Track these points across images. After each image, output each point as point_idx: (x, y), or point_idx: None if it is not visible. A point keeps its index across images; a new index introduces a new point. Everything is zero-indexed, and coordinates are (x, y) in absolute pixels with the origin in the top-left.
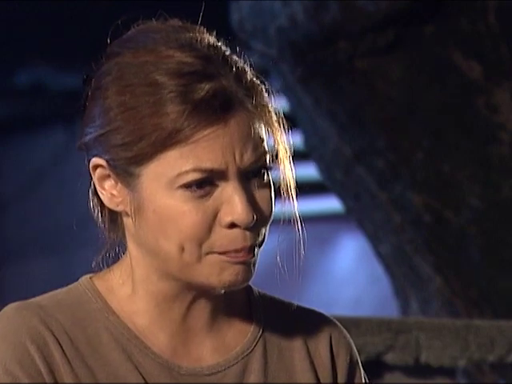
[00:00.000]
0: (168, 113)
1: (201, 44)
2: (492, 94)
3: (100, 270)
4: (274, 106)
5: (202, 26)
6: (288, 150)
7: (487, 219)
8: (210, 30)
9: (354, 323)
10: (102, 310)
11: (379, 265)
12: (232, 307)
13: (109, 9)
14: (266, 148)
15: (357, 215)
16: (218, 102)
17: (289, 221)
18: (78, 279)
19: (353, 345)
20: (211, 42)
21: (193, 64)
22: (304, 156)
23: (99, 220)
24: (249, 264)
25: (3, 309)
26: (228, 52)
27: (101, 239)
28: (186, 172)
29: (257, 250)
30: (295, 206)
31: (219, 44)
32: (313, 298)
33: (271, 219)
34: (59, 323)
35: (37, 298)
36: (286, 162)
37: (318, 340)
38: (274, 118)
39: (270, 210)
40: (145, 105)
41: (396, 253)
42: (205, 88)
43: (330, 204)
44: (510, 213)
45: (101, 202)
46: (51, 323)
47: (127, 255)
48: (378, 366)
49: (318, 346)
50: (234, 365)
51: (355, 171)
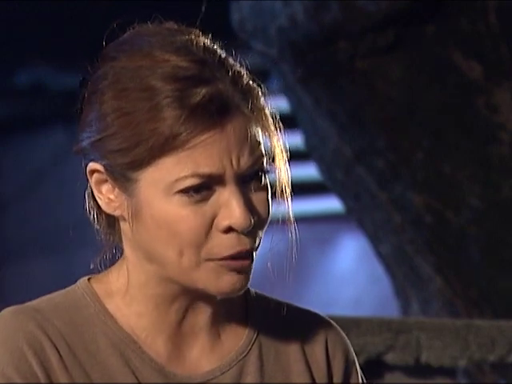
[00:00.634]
0: (165, 118)
1: (196, 47)
2: (492, 94)
3: (98, 272)
4: (270, 109)
5: (201, 27)
6: (284, 152)
7: (487, 219)
8: (205, 33)
9: (354, 323)
10: (100, 314)
11: (379, 265)
12: (228, 310)
13: (109, 9)
14: (263, 151)
15: (357, 215)
16: (214, 106)
17: (284, 222)
18: (76, 281)
19: (349, 345)
20: (207, 45)
21: (188, 68)
22: (304, 156)
23: (96, 224)
24: (246, 271)
25: (0, 313)
26: (224, 55)
27: (98, 242)
28: (184, 177)
29: (254, 255)
30: (290, 209)
31: (215, 47)
32: (313, 298)
33: (268, 222)
34: (56, 328)
35: (34, 302)
36: (281, 164)
37: (314, 341)
38: (271, 121)
39: (268, 212)
40: (141, 110)
41: (396, 253)
42: (201, 92)
43: (331, 204)
44: (510, 213)
45: (98, 206)
46: (48, 328)
47: (124, 259)
48: (378, 366)
49: (314, 348)
50: (229, 369)
51: (355, 171)
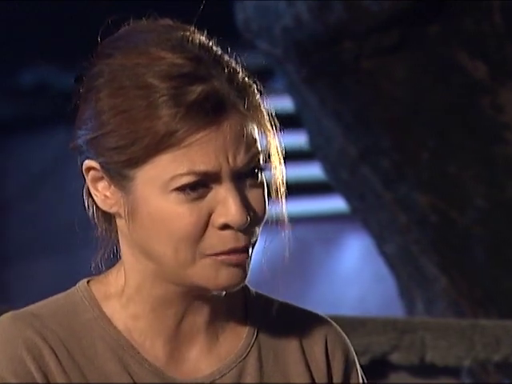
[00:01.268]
0: (161, 116)
1: (192, 44)
2: (497, 94)
3: (99, 272)
4: (266, 106)
5: (206, 27)
6: (280, 150)
7: (492, 219)
8: (210, 32)
9: (359, 323)
10: (98, 319)
11: (384, 265)
12: (227, 310)
13: (111, 9)
14: (259, 148)
15: (362, 215)
16: (210, 104)
17: (283, 221)
18: (76, 284)
19: (349, 345)
20: (202, 41)
21: (184, 66)
22: (309, 156)
23: (95, 222)
24: (243, 266)
25: None
26: (220, 52)
27: (97, 240)
28: (180, 175)
29: (250, 251)
30: (284, 207)
31: (210, 44)
32: (318, 298)
33: (265, 219)
34: (55, 334)
35: (33, 306)
36: (277, 162)
37: (314, 342)
38: (267, 119)
39: (264, 209)
40: (137, 108)
41: (401, 253)
42: (197, 90)
43: (335, 204)
44: None
45: (95, 204)
46: (46, 334)
47: (122, 259)
48: (383, 366)
49: (314, 348)
50: (229, 371)
51: (360, 171)
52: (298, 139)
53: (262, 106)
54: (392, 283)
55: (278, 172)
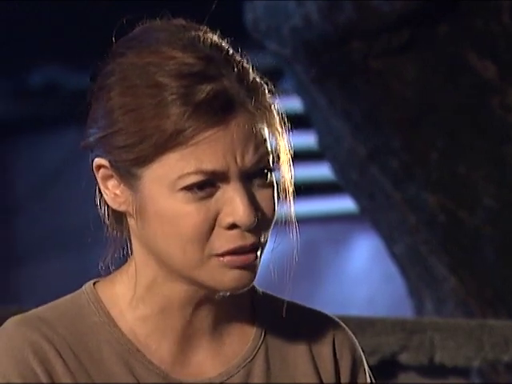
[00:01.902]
0: (169, 115)
1: (203, 44)
2: (507, 94)
3: (108, 272)
4: (276, 107)
5: (215, 27)
6: (289, 151)
7: (502, 219)
8: (214, 29)
9: (368, 323)
10: (104, 322)
11: (393, 265)
12: (235, 311)
13: (122, 9)
14: (268, 149)
15: (371, 215)
16: (218, 103)
17: (291, 222)
18: (82, 286)
19: (357, 344)
20: (214, 41)
21: (194, 65)
22: (318, 156)
23: (106, 220)
24: (251, 267)
25: (4, 324)
26: (231, 51)
27: (108, 239)
28: (188, 174)
29: (259, 252)
30: (292, 209)
31: (222, 43)
32: (327, 298)
33: (274, 220)
34: (61, 337)
35: (39, 310)
36: (286, 163)
37: (322, 342)
38: (276, 119)
39: (272, 210)
40: (147, 106)
41: (411, 253)
42: (206, 89)
43: (344, 204)
44: None
45: (105, 202)
46: (53, 337)
47: (133, 257)
48: (392, 366)
49: (322, 348)
50: (235, 374)
51: (369, 171)
52: (307, 139)
53: (272, 107)
54: (401, 283)
55: (287, 172)
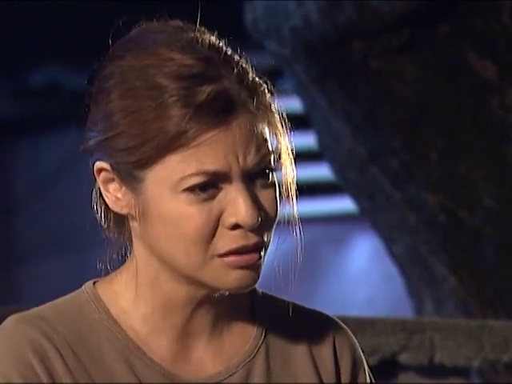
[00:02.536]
0: (171, 116)
1: (202, 45)
2: (506, 94)
3: (106, 273)
4: (276, 106)
5: (214, 27)
6: (290, 150)
7: (502, 219)
8: (219, 32)
9: (368, 323)
10: (104, 320)
11: (393, 265)
12: (235, 311)
13: (122, 9)
14: (270, 148)
15: (371, 215)
16: (219, 104)
17: (294, 222)
18: (82, 286)
19: (357, 345)
20: (212, 42)
21: (194, 66)
22: (318, 156)
23: (104, 223)
24: (254, 266)
25: (3, 322)
26: (230, 52)
27: (106, 242)
28: (190, 175)
29: (263, 253)
30: (295, 208)
31: (220, 44)
32: (327, 298)
33: (276, 220)
34: (61, 335)
35: (38, 309)
36: (288, 162)
37: (322, 342)
38: (277, 118)
39: (275, 210)
40: (147, 109)
41: (410, 253)
42: (206, 91)
43: (344, 204)
44: None
45: (106, 205)
46: (53, 335)
47: (133, 258)
48: (392, 366)
49: (322, 349)
50: (235, 372)
51: (369, 171)
52: (307, 139)
53: (273, 106)
54: (401, 283)
55: (289, 172)
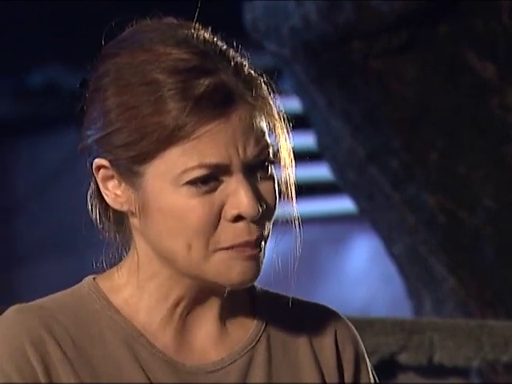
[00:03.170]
0: (169, 110)
1: (197, 40)
2: (506, 95)
3: (104, 271)
4: (273, 98)
5: (213, 27)
6: (289, 142)
7: (502, 219)
8: (211, 29)
9: (367, 323)
10: (105, 309)
11: (392, 265)
12: (236, 304)
13: (122, 8)
14: (268, 141)
15: (370, 216)
16: (218, 96)
17: (295, 221)
18: (82, 280)
19: (358, 337)
20: (207, 37)
21: (190, 60)
22: (317, 156)
23: (103, 222)
24: (256, 260)
25: (5, 311)
26: (225, 46)
27: (105, 241)
28: (191, 168)
29: (263, 245)
30: (294, 204)
31: (215, 39)
32: (326, 298)
33: (276, 211)
34: (61, 325)
35: (39, 300)
36: (286, 155)
37: (323, 334)
38: (275, 110)
39: (275, 201)
40: (145, 104)
41: (410, 253)
42: (204, 83)
43: (343, 204)
44: None
45: (105, 204)
46: (52, 325)
47: (133, 254)
48: (391, 366)
49: (323, 341)
50: (238, 359)
51: (368, 171)
52: (306, 140)
53: (270, 98)
54: (400, 284)
55: (288, 164)
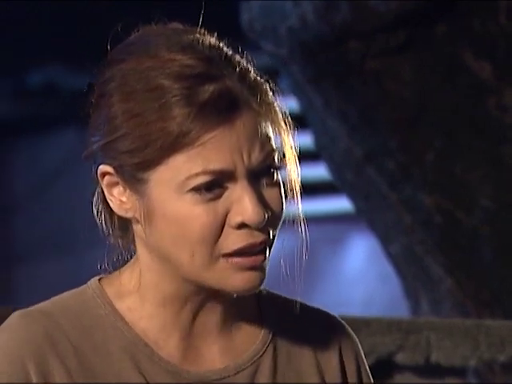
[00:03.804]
0: (174, 116)
1: (202, 45)
2: (503, 95)
3: (108, 272)
4: (279, 104)
5: (210, 27)
6: (294, 148)
7: (499, 220)
8: (211, 31)
9: (364, 323)
10: (110, 315)
11: (389, 265)
12: (241, 309)
13: (122, 9)
14: (274, 146)
15: (367, 216)
16: (223, 102)
17: (294, 221)
18: (88, 281)
19: (359, 347)
20: (213, 43)
21: (195, 66)
22: (314, 156)
23: (108, 227)
24: (260, 268)
25: (9, 317)
26: (230, 52)
27: (109, 245)
28: (196, 175)
29: (268, 253)
30: (299, 205)
31: (221, 45)
32: (323, 298)
33: (282, 218)
34: (64, 334)
35: (44, 304)
36: (291, 160)
37: (328, 347)
38: (280, 116)
39: (281, 208)
40: (150, 110)
41: (407, 253)
42: (209, 89)
43: (341, 204)
44: None
45: (110, 210)
46: (54, 335)
47: (137, 260)
48: (388, 366)
49: (328, 353)
50: (244, 369)
51: (366, 172)
52: (303, 139)
53: (275, 104)
54: (397, 284)
55: (293, 170)
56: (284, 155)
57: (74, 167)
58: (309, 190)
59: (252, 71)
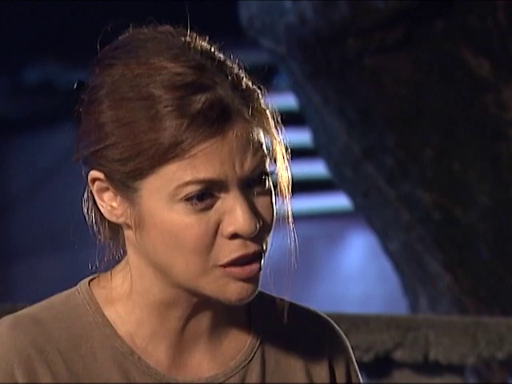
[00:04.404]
0: (165, 128)
1: (194, 51)
2: (501, 92)
3: (100, 271)
4: (271, 110)
5: (209, 25)
6: (286, 154)
7: (496, 217)
8: (208, 30)
9: (362, 320)
10: (99, 323)
11: (388, 262)
12: (231, 315)
13: (119, 7)
14: (265, 152)
15: (365, 213)
16: (215, 113)
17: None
18: (78, 283)
19: (349, 347)
20: (204, 48)
21: (187, 74)
22: (312, 153)
23: (98, 229)
24: (254, 279)
25: None
26: (222, 58)
27: (99, 247)
28: (186, 184)
29: (262, 262)
30: (289, 209)
31: (212, 50)
32: (322, 295)
33: (273, 226)
34: (53, 341)
35: (35, 310)
36: (283, 166)
37: (316, 349)
38: (272, 124)
39: (272, 217)
40: (141, 120)
41: (405, 250)
42: (201, 100)
43: (339, 201)
44: None
45: (101, 214)
46: (44, 344)
47: (127, 264)
48: (386, 364)
49: (316, 355)
50: (232, 376)
51: (364, 168)
52: (302, 136)
53: (267, 111)
54: (396, 281)
55: (284, 177)
56: (275, 161)
57: (70, 164)
58: (307, 187)
59: (244, 78)
